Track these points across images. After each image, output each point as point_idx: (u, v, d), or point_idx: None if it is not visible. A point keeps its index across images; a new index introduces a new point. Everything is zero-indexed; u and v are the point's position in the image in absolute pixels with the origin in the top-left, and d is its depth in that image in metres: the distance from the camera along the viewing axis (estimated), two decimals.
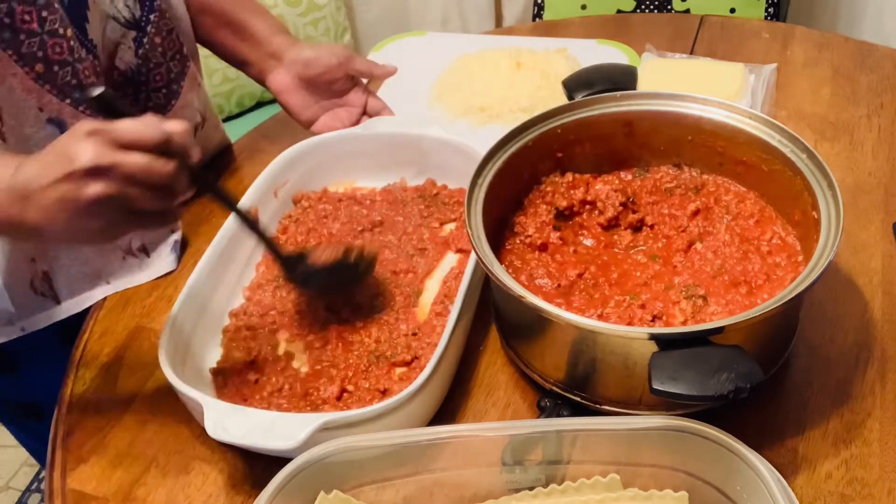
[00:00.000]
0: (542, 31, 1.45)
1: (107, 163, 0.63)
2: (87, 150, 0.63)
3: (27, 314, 0.94)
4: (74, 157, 0.63)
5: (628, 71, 0.94)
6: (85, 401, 0.87)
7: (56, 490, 0.79)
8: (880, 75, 1.21)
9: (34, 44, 0.82)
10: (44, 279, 0.93)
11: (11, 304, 0.91)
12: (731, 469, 0.65)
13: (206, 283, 0.88)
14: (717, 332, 0.66)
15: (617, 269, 0.85)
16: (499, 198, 0.84)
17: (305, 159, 1.04)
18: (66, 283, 0.96)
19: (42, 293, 0.94)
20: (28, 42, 0.81)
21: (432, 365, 0.74)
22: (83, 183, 0.63)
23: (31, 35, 0.81)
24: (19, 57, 0.81)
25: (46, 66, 0.83)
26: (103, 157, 0.63)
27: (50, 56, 0.83)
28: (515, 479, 0.70)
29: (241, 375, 0.84)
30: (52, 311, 0.96)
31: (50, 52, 0.83)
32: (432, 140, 1.02)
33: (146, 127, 0.65)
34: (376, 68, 1.10)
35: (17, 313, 0.92)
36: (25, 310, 0.93)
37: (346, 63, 1.06)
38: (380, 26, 2.26)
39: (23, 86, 0.83)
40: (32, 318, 0.94)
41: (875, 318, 0.86)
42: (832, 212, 0.75)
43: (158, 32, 0.96)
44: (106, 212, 0.65)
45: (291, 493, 0.66)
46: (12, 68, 0.81)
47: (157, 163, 0.65)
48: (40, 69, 0.83)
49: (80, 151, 0.63)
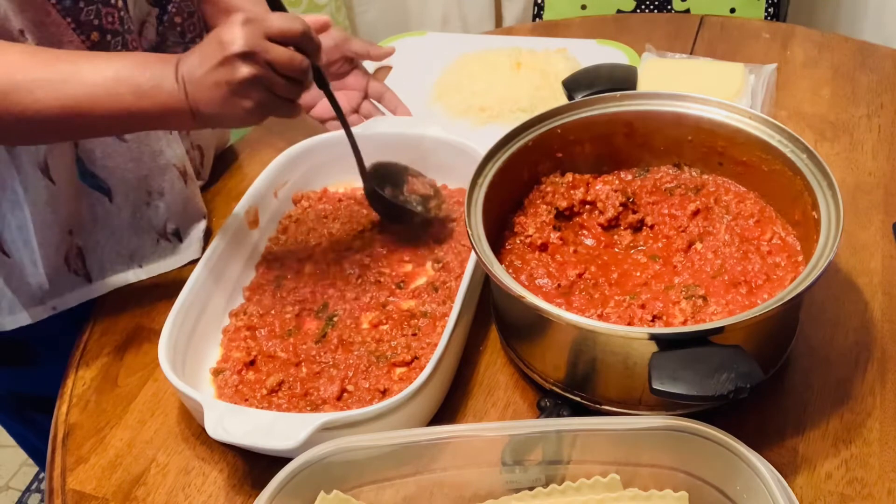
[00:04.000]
0: (542, 31, 1.45)
1: (257, 48, 0.73)
2: (240, 36, 0.73)
3: (58, 292, 0.94)
4: (230, 42, 0.73)
5: (628, 71, 0.94)
6: (85, 401, 0.87)
7: (56, 490, 0.79)
8: (880, 75, 1.21)
9: (91, 12, 0.83)
10: (78, 255, 0.94)
11: (46, 280, 0.92)
12: (731, 469, 0.65)
13: (206, 283, 0.88)
14: (717, 332, 0.66)
15: (617, 270, 0.85)
16: (499, 198, 0.84)
17: (305, 159, 1.04)
18: (97, 263, 0.96)
19: (75, 271, 0.94)
20: (87, 10, 0.83)
21: (432, 365, 0.74)
22: (237, 65, 0.73)
23: (90, 3, 0.83)
24: (77, 25, 0.83)
25: (101, 35, 0.85)
26: (254, 44, 0.73)
27: (104, 25, 0.85)
28: (515, 479, 0.70)
29: (241, 375, 0.84)
30: (83, 290, 0.96)
31: (104, 22, 0.85)
32: (432, 140, 1.02)
33: (292, 22, 0.76)
34: (374, 49, 1.10)
35: (49, 290, 0.93)
36: (57, 287, 0.93)
37: (343, 44, 1.06)
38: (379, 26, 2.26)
39: None
40: (63, 296, 0.95)
41: (875, 318, 0.86)
42: (832, 212, 0.75)
43: (180, 13, 0.97)
44: (254, 92, 0.75)
45: (291, 493, 0.66)
46: (70, 35, 0.83)
47: (296, 57, 0.76)
48: (96, 38, 0.85)
49: (234, 38, 0.73)
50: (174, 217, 1.00)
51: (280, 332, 0.89)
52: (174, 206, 0.99)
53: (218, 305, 0.91)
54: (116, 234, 0.96)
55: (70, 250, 0.93)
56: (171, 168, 0.97)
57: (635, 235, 0.89)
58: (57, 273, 0.93)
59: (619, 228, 0.90)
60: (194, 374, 0.84)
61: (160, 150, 0.96)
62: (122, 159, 0.93)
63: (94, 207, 0.94)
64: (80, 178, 0.91)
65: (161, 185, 0.97)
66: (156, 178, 0.96)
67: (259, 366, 0.86)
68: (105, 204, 0.94)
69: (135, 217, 0.97)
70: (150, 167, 0.95)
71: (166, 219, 0.99)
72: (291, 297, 0.92)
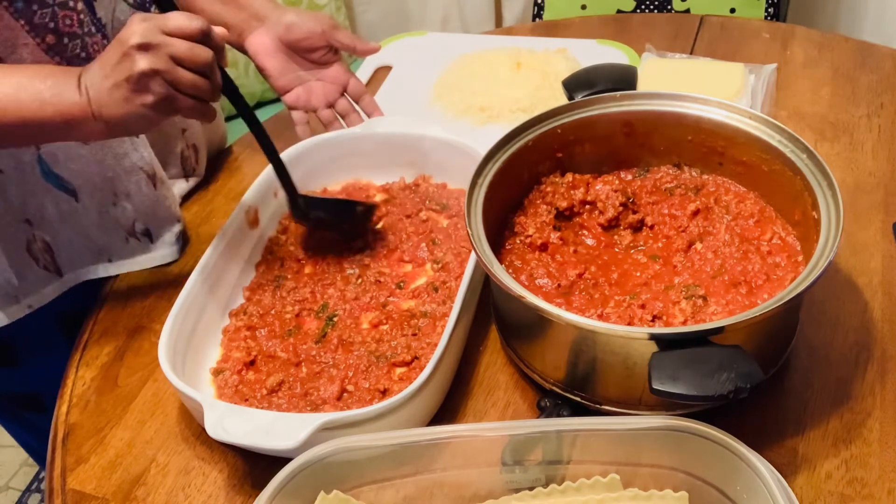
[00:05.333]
0: (542, 31, 1.45)
1: (154, 41, 0.73)
2: (137, 30, 0.73)
3: (32, 289, 0.94)
4: (127, 38, 0.73)
5: (628, 71, 0.94)
6: (85, 401, 0.87)
7: (56, 490, 0.79)
8: (880, 75, 1.21)
9: (46, 14, 0.83)
10: (45, 250, 0.94)
11: (14, 275, 0.92)
12: (731, 469, 0.65)
13: (206, 283, 0.88)
14: (717, 332, 0.66)
15: (617, 269, 0.85)
16: (499, 198, 0.84)
17: (305, 159, 1.04)
18: (68, 258, 0.96)
19: (45, 266, 0.95)
20: (40, 13, 0.83)
21: (432, 365, 0.74)
22: (134, 58, 0.73)
23: (44, 6, 0.83)
24: (31, 27, 0.83)
25: (57, 37, 0.85)
26: (151, 37, 0.73)
27: (61, 28, 0.85)
28: (515, 479, 0.70)
29: (240, 375, 0.84)
30: (55, 284, 0.96)
31: (61, 24, 0.85)
32: (432, 140, 1.02)
33: (190, 19, 0.75)
34: (360, 43, 1.08)
35: (20, 286, 0.93)
36: (30, 283, 0.94)
37: (330, 32, 1.05)
38: (380, 26, 2.26)
39: (33, 56, 0.84)
40: (38, 293, 0.95)
41: (875, 318, 0.86)
42: (832, 212, 0.75)
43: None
44: (154, 85, 0.74)
45: (291, 493, 0.66)
46: (24, 38, 0.83)
47: (197, 48, 0.75)
48: (51, 40, 0.85)
49: (132, 33, 0.73)
50: (143, 217, 0.99)
51: (280, 332, 0.89)
52: (142, 208, 0.99)
53: (218, 305, 0.91)
54: (84, 231, 0.96)
55: (33, 242, 0.93)
56: (138, 171, 0.97)
57: (635, 235, 0.89)
58: (25, 268, 0.93)
59: (619, 228, 0.90)
60: (194, 374, 0.84)
61: (124, 152, 0.95)
62: (85, 161, 0.93)
63: (59, 205, 0.94)
64: (44, 178, 0.91)
65: (127, 187, 0.97)
66: (122, 180, 0.96)
67: (259, 366, 0.86)
68: (71, 203, 0.94)
69: (101, 216, 0.97)
70: (115, 169, 0.95)
71: (134, 219, 0.99)
72: (291, 297, 0.92)
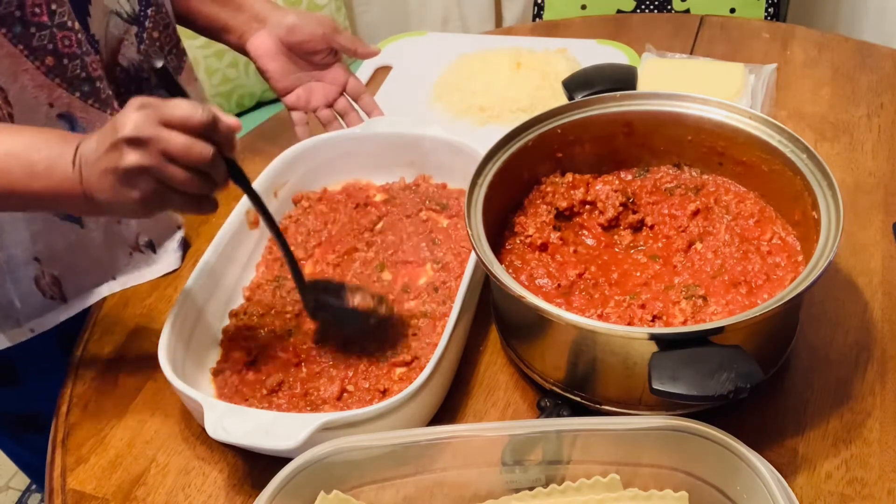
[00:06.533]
0: (542, 31, 1.45)
1: (146, 135, 0.66)
2: (130, 120, 0.66)
3: (36, 314, 0.93)
4: (120, 127, 0.66)
5: (628, 71, 0.94)
6: (85, 401, 0.87)
7: (56, 490, 0.79)
8: (880, 75, 1.21)
9: (44, 37, 0.82)
10: (53, 284, 0.93)
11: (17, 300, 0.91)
12: (731, 469, 0.65)
13: (206, 283, 0.88)
14: (717, 332, 0.66)
15: (617, 270, 0.85)
16: (499, 198, 0.84)
17: (305, 159, 1.04)
18: (73, 283, 0.95)
19: (51, 297, 0.94)
20: (39, 35, 0.81)
21: (432, 365, 0.74)
22: (123, 152, 0.66)
23: (42, 28, 0.81)
24: (30, 51, 0.81)
25: (57, 59, 0.83)
26: (144, 130, 0.66)
27: (60, 49, 0.83)
28: (515, 479, 0.70)
29: (240, 375, 0.84)
30: (59, 310, 0.95)
31: (60, 45, 0.83)
32: (432, 140, 1.02)
33: (195, 108, 0.67)
34: (360, 47, 1.08)
35: (23, 310, 0.92)
36: (32, 308, 0.93)
37: (331, 35, 1.05)
38: (380, 26, 2.26)
39: (34, 81, 0.83)
40: (42, 318, 0.94)
41: (875, 318, 0.86)
42: (832, 212, 0.75)
43: (156, 27, 0.96)
44: (143, 183, 0.68)
45: (291, 493, 0.66)
46: (24, 64, 0.81)
47: (196, 145, 0.67)
48: (51, 62, 0.83)
49: (125, 122, 0.66)
50: (146, 230, 0.99)
51: (280, 332, 0.89)
52: (144, 222, 0.98)
53: (218, 305, 0.91)
54: (91, 254, 0.95)
55: (41, 278, 0.92)
56: None
57: (635, 235, 0.89)
58: (30, 296, 0.92)
59: (619, 228, 0.90)
60: (194, 374, 0.84)
61: None
62: None
63: (67, 236, 0.92)
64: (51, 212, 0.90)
65: None
66: None
67: (259, 366, 0.85)
68: (77, 230, 0.93)
69: (107, 236, 0.96)
70: None
71: (137, 233, 0.98)
72: (291, 297, 0.92)
